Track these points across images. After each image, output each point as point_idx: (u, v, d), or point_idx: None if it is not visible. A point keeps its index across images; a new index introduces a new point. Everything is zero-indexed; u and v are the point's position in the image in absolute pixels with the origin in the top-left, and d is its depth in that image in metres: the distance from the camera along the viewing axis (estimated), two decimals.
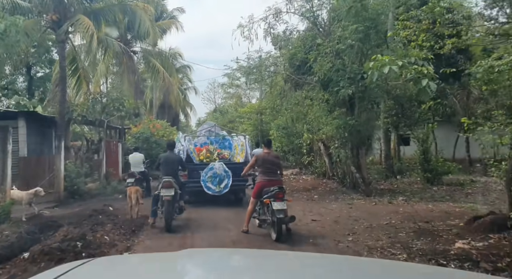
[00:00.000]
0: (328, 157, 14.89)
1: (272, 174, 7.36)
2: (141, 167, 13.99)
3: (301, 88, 15.91)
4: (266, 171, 7.34)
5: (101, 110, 15.78)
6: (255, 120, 26.85)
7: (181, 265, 1.96)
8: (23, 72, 31.36)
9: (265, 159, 7.42)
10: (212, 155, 12.03)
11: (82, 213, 9.94)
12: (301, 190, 14.02)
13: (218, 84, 49.67)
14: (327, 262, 2.07)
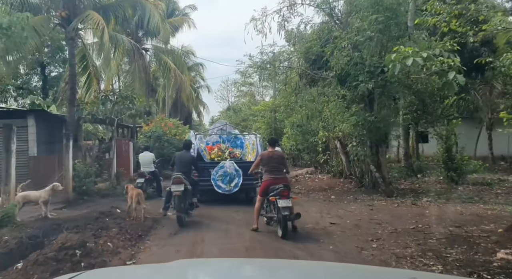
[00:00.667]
0: (345, 155, 14.15)
1: (277, 172, 7.40)
2: (151, 166, 13.48)
3: (316, 84, 15.21)
4: (271, 170, 7.39)
5: (111, 108, 15.29)
6: (269, 118, 26.18)
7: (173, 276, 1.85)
8: (38, 72, 31.34)
9: (270, 158, 7.45)
10: (224, 153, 11.91)
11: (88, 216, 9.42)
12: (317, 190, 13.33)
13: (231, 82, 49.20)
14: None
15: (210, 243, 6.90)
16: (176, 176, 8.36)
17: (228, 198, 10.82)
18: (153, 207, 11.64)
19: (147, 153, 13.59)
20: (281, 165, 7.54)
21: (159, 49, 23.53)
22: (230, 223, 8.58)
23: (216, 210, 10.25)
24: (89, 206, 11.86)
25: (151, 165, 13.46)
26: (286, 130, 20.86)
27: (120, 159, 17.47)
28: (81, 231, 7.65)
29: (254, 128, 33.02)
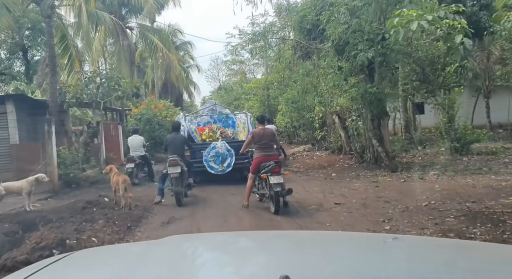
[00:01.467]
0: (343, 130, 13.45)
1: (268, 149, 7.42)
2: (141, 150, 12.71)
3: (311, 57, 14.36)
4: (262, 147, 7.39)
5: (96, 90, 14.36)
6: (262, 96, 25.32)
7: (164, 253, 1.77)
8: (20, 56, 30.00)
9: (261, 135, 7.42)
10: (215, 134, 11.72)
11: (74, 206, 8.68)
12: (316, 168, 12.67)
13: (221, 61, 47.98)
14: None
15: (206, 230, 6.26)
16: (172, 158, 8.37)
17: (222, 178, 10.63)
18: (145, 193, 10.96)
19: (136, 136, 12.79)
20: (271, 142, 7.52)
21: (145, 27, 22.37)
22: (226, 207, 8.16)
23: (210, 191, 9.91)
24: (76, 194, 11.14)
25: (141, 148, 12.69)
26: (281, 107, 20.08)
27: (109, 144, 16.67)
28: (63, 224, 6.94)
29: (246, 107, 32.17)
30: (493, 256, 1.50)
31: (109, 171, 9.08)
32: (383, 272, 1.30)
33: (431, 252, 1.59)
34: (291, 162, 14.77)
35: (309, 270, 1.32)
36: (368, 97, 10.28)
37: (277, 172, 6.97)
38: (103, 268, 1.59)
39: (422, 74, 13.63)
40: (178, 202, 8.24)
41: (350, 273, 1.28)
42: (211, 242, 2.09)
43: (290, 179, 11.25)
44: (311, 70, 13.90)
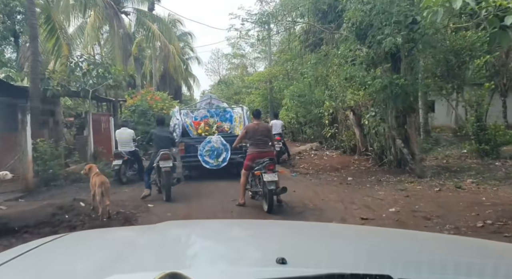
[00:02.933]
0: (359, 128, 11.86)
1: (262, 145, 7.08)
2: (130, 145, 11.13)
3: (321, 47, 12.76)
4: (256, 143, 7.06)
5: (82, 77, 12.72)
6: (264, 89, 23.66)
7: (160, 237, 1.74)
8: (11, 42, 28.26)
9: (255, 130, 7.09)
10: (211, 128, 11.27)
11: (43, 211, 7.13)
12: (328, 170, 11.09)
13: (222, 54, 46.25)
14: None
15: None
16: (164, 151, 8.07)
17: (218, 173, 10.16)
18: (133, 193, 9.40)
19: (125, 129, 11.19)
20: (266, 138, 7.18)
21: (142, 13, 20.70)
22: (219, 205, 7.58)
23: (203, 187, 9.39)
24: (54, 194, 9.59)
25: (130, 143, 11.10)
26: (285, 102, 18.45)
27: (99, 137, 15.01)
28: (18, 237, 5.41)
29: (247, 101, 30.53)
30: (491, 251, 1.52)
31: (88, 170, 7.50)
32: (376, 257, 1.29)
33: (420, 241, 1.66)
34: (297, 162, 13.20)
35: (305, 253, 1.33)
36: (394, 90, 8.67)
37: (272, 169, 6.63)
38: (96, 250, 1.56)
39: (446, 68, 12.02)
40: (167, 197, 7.99)
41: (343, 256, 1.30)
42: (207, 228, 2.07)
43: (299, 183, 9.71)
44: (323, 60, 12.24)
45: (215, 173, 10.19)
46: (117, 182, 10.94)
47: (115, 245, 1.59)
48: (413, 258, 1.35)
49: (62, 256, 1.49)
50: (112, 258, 1.31)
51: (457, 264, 1.26)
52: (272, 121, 13.86)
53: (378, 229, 3.00)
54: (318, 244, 1.53)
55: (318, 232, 1.87)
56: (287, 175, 10.54)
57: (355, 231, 2.10)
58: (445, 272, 1.18)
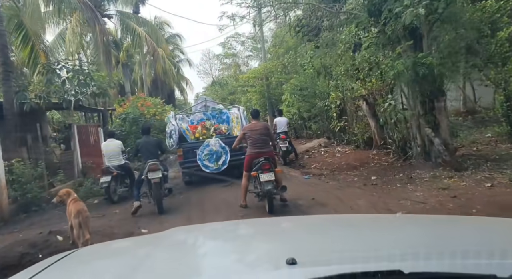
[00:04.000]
0: (373, 118, 10.46)
1: (261, 145, 6.83)
2: (119, 158, 9.72)
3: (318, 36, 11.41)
4: (254, 143, 6.84)
5: (61, 86, 11.27)
6: (261, 86, 22.21)
7: (168, 245, 1.74)
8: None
9: (254, 130, 6.89)
10: (209, 131, 10.84)
11: (11, 252, 5.69)
12: (345, 168, 9.70)
13: (213, 55, 44.79)
14: None
15: None
16: (152, 162, 7.71)
17: (218, 177, 9.60)
18: (126, 214, 8.02)
19: (112, 140, 9.76)
20: (265, 137, 6.91)
21: (126, 15, 19.22)
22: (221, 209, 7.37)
23: (204, 194, 9.08)
24: (32, 223, 8.21)
25: (119, 156, 9.69)
26: (285, 97, 17.03)
27: (88, 150, 13.55)
28: None
29: (243, 101, 29.10)
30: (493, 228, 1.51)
31: (63, 196, 6.06)
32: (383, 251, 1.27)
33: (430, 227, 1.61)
34: (307, 161, 11.80)
35: (314, 252, 1.31)
36: (420, 72, 7.28)
37: (268, 168, 6.46)
38: (110, 264, 1.56)
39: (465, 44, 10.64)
40: (159, 209, 7.60)
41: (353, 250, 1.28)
42: (214, 231, 2.06)
43: (315, 187, 8.34)
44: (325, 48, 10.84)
45: (216, 176, 9.68)
46: (107, 202, 9.55)
47: (126, 258, 1.57)
48: (422, 245, 1.30)
49: (75, 274, 1.47)
50: (125, 272, 1.28)
51: None
52: (276, 119, 12.47)
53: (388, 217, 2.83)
54: (328, 240, 1.50)
55: (325, 225, 1.84)
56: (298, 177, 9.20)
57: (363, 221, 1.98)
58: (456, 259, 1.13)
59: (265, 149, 6.83)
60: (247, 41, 40.27)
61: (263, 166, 6.46)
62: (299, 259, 1.04)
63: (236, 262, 1.37)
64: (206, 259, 1.46)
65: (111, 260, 1.61)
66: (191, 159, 9.84)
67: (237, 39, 40.80)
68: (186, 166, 10.07)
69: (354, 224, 1.82)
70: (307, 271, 1.00)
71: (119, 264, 1.48)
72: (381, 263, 1.03)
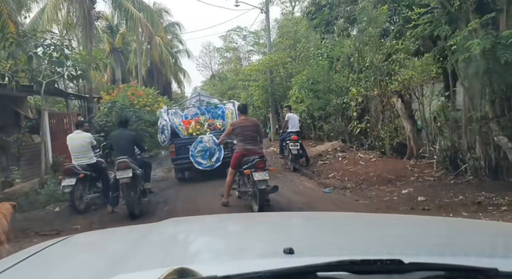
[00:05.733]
0: (410, 120, 8.28)
1: (251, 142, 6.51)
2: (89, 155, 7.51)
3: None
4: (244, 139, 6.49)
5: (27, 63, 8.98)
6: (264, 81, 19.97)
7: (165, 234, 1.68)
8: None
9: (243, 126, 6.56)
10: (203, 126, 10.32)
11: None
12: (376, 181, 7.50)
13: (213, 48, 42.49)
14: None
15: None
16: (121, 159, 6.59)
17: (212, 174, 9.22)
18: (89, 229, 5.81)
19: (79, 132, 7.52)
20: (255, 134, 6.62)
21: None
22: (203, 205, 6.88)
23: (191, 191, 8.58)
24: None
25: (88, 152, 7.48)
26: (293, 92, 14.83)
27: (61, 143, 11.28)
28: None
29: (243, 96, 26.88)
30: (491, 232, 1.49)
31: None
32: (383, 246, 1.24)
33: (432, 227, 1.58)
34: (321, 168, 9.62)
35: (313, 242, 1.31)
36: (503, 57, 5.10)
37: (262, 167, 6.08)
38: (102, 250, 1.56)
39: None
40: (130, 214, 6.63)
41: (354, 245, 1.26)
42: (210, 222, 2.02)
43: (342, 206, 6.17)
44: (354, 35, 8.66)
45: (210, 174, 9.35)
46: (71, 211, 7.32)
47: (120, 245, 1.54)
48: (424, 242, 1.27)
49: (68, 257, 1.49)
50: (118, 257, 1.25)
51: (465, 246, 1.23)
52: (288, 115, 10.32)
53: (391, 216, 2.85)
54: (326, 233, 1.49)
55: (325, 221, 1.82)
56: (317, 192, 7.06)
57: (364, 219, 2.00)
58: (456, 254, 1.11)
59: (256, 146, 6.55)
60: (249, 36, 38.33)
61: (257, 164, 6.08)
62: (296, 250, 1.03)
63: (232, 250, 1.34)
64: (201, 249, 1.42)
65: (103, 247, 1.56)
66: (184, 156, 9.42)
67: (239, 33, 38.78)
68: (178, 163, 9.68)
69: (354, 221, 1.79)
70: (305, 260, 0.94)
71: (110, 252, 1.44)
72: (381, 255, 0.94)
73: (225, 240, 1.54)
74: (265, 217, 2.27)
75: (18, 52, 8.72)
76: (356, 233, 1.48)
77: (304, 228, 1.67)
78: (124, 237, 1.73)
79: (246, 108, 7.21)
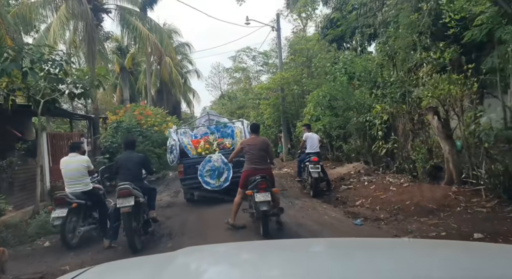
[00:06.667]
0: (449, 141, 7.18)
1: (259, 161, 6.25)
2: (84, 182, 6.54)
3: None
4: (252, 158, 6.27)
5: (22, 79, 8.16)
6: (275, 98, 19.08)
7: (181, 265, 1.66)
8: None
9: (251, 145, 6.35)
10: (212, 145, 9.99)
11: None
12: (414, 212, 6.36)
13: (222, 68, 42.09)
14: None
15: None
16: (123, 186, 5.82)
17: (223, 198, 8.72)
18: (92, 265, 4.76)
19: (75, 155, 6.60)
20: (264, 153, 6.34)
21: (127, 10, 16.30)
22: None
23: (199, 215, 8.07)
24: None
25: (83, 178, 6.54)
26: (307, 110, 13.84)
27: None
28: None
29: (253, 115, 26.04)
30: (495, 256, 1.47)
31: None
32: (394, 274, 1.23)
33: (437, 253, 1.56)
34: (346, 194, 8.51)
35: (324, 274, 1.29)
36: None
37: (264, 187, 5.78)
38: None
39: None
40: (131, 246, 5.71)
41: (363, 275, 1.24)
42: (226, 251, 2.04)
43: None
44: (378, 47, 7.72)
45: (219, 195, 8.99)
46: (61, 247, 6.29)
47: (141, 277, 1.53)
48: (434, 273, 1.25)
49: None
50: None
51: None
52: (307, 134, 9.33)
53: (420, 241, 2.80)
54: (341, 263, 1.46)
55: (339, 249, 1.77)
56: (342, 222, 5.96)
57: (387, 244, 2.00)
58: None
59: (263, 165, 6.29)
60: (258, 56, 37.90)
61: (259, 185, 5.84)
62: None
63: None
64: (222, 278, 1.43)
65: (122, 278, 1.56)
66: (193, 175, 9.12)
67: (248, 53, 38.37)
68: (186, 183, 9.39)
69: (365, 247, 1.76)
70: None
71: None
72: None
73: (240, 272, 1.50)
74: (281, 245, 2.21)
75: (11, 68, 7.88)
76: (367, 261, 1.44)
77: (321, 257, 1.64)
78: (141, 268, 1.72)
79: (257, 128, 6.88)
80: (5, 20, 9.73)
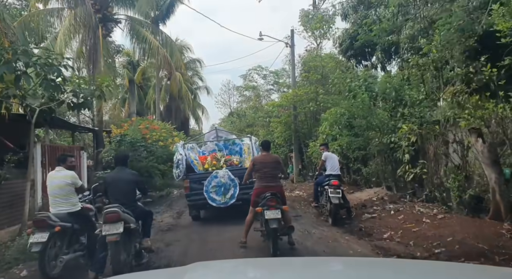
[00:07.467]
0: (495, 168, 6.15)
1: (270, 179, 6.15)
2: (71, 201, 5.59)
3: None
4: (263, 176, 6.16)
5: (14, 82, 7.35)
6: (287, 116, 18.20)
7: None
8: None
9: (263, 163, 6.23)
10: (219, 162, 9.62)
11: None
12: (458, 252, 5.27)
13: (233, 86, 41.64)
14: None
15: None
16: (110, 210, 5.02)
17: (228, 212, 8.66)
18: None
19: (61, 170, 5.66)
20: (276, 171, 6.27)
21: (137, 21, 15.73)
22: None
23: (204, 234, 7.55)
24: None
25: (70, 197, 5.60)
26: (322, 129, 12.88)
27: None
28: None
29: (262, 134, 25.14)
30: None
31: None
32: None
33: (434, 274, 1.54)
34: (369, 224, 7.44)
35: None
36: None
37: (273, 205, 5.66)
38: None
39: None
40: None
41: None
42: (234, 268, 2.00)
43: None
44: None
45: (226, 212, 8.85)
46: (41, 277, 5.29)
47: None
48: None
49: None
50: None
51: None
52: (326, 154, 8.36)
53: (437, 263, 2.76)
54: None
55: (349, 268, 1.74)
56: None
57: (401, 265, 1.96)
58: None
59: (274, 183, 6.17)
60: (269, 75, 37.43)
61: (269, 202, 5.70)
62: None
63: None
64: None
65: None
66: (199, 191, 8.81)
67: (259, 72, 37.92)
68: (192, 199, 9.02)
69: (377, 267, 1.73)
70: None
71: None
72: None
73: None
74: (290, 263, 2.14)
75: (3, 70, 7.06)
76: None
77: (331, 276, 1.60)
78: None
79: (268, 145, 6.66)
80: (3, 22, 9.06)
